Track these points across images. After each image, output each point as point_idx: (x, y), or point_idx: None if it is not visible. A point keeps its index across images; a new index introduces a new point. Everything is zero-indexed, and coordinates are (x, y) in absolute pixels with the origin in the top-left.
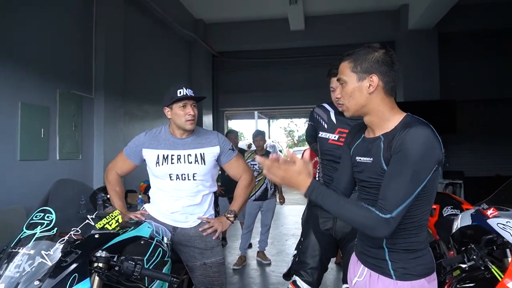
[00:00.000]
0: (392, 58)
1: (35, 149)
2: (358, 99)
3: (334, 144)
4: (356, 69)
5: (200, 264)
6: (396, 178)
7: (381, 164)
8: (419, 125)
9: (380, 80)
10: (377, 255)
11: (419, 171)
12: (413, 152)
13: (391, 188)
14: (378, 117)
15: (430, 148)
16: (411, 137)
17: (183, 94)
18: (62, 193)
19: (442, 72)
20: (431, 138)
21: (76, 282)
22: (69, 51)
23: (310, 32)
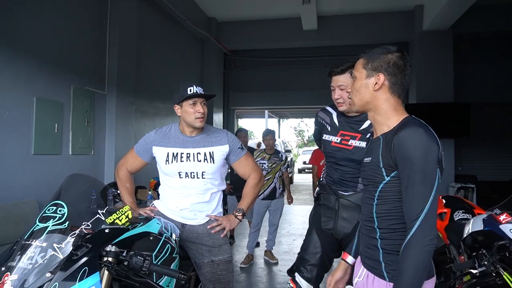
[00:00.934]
0: (405, 62)
1: (49, 143)
2: (363, 94)
3: (336, 147)
4: (367, 66)
5: (208, 262)
6: (409, 188)
7: (378, 162)
8: (413, 127)
9: (387, 79)
10: (373, 256)
11: (426, 171)
12: (413, 154)
13: (408, 199)
14: (381, 115)
15: (428, 147)
16: (406, 140)
17: (193, 92)
18: (74, 188)
19: (456, 74)
20: (425, 137)
21: (86, 275)
22: (83, 48)
23: (322, 32)
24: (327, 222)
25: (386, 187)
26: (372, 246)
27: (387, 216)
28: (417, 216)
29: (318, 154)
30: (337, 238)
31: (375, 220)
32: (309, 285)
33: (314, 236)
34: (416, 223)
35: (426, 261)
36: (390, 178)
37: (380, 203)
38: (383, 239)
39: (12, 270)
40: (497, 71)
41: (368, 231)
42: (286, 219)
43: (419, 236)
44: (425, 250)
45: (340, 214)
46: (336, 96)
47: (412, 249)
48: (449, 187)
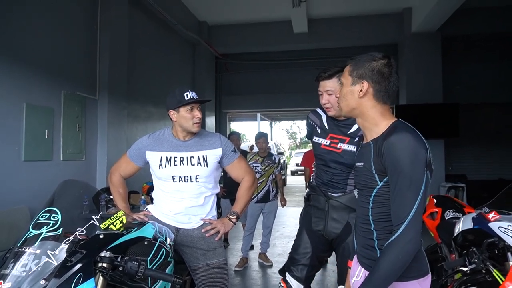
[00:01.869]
0: (391, 69)
1: (40, 150)
2: (349, 101)
3: (325, 149)
4: (353, 73)
5: (203, 265)
6: (396, 191)
7: (370, 168)
8: (401, 132)
9: (371, 87)
10: (370, 255)
11: (413, 176)
12: (401, 160)
13: (395, 204)
14: (368, 121)
15: (415, 151)
16: (395, 145)
17: (190, 98)
18: (67, 194)
19: (445, 75)
20: (413, 142)
21: (81, 281)
22: (73, 53)
23: (313, 34)
24: (317, 223)
25: (380, 191)
26: (369, 247)
27: (383, 218)
28: (403, 220)
29: (309, 156)
30: (327, 238)
31: (371, 222)
32: (299, 284)
33: (304, 237)
34: (401, 227)
35: (404, 262)
36: (383, 183)
37: (375, 207)
38: (380, 240)
39: (6, 278)
40: (484, 72)
41: (365, 233)
42: (279, 222)
43: (402, 239)
44: (405, 252)
45: (330, 215)
46: (324, 101)
47: (393, 248)
48: (440, 187)
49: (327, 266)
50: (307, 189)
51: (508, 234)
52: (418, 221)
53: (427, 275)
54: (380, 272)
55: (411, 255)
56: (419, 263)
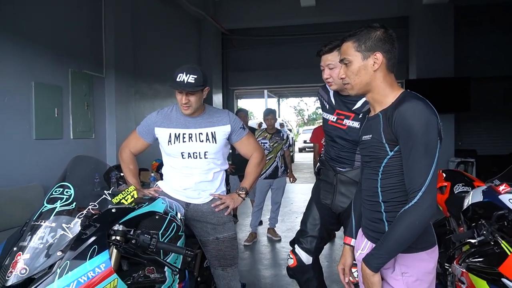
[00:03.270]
0: (393, 36)
1: (50, 128)
2: (363, 77)
3: (332, 125)
4: (361, 48)
5: (213, 239)
6: (411, 158)
7: (381, 138)
8: (413, 100)
9: (384, 57)
10: (378, 229)
11: (428, 143)
12: (415, 127)
13: (410, 171)
14: (379, 93)
15: (429, 119)
16: (407, 113)
17: (181, 80)
18: (79, 169)
19: (457, 48)
20: (426, 110)
21: (96, 253)
22: (79, 30)
23: (321, 8)
24: (325, 196)
25: (390, 161)
26: (376, 220)
27: (392, 189)
28: (419, 187)
29: (318, 133)
30: (335, 212)
31: (379, 194)
32: (308, 256)
33: (313, 209)
34: (418, 194)
35: (419, 228)
36: (394, 152)
37: (384, 178)
38: (389, 212)
39: (24, 249)
40: (497, 44)
41: (372, 205)
42: (288, 198)
43: (420, 205)
44: (423, 217)
45: (338, 189)
46: (326, 76)
47: (410, 214)
48: (449, 162)
49: (335, 241)
50: (318, 164)
51: None
52: (434, 187)
53: (435, 246)
54: (395, 235)
55: (427, 221)
56: (427, 234)
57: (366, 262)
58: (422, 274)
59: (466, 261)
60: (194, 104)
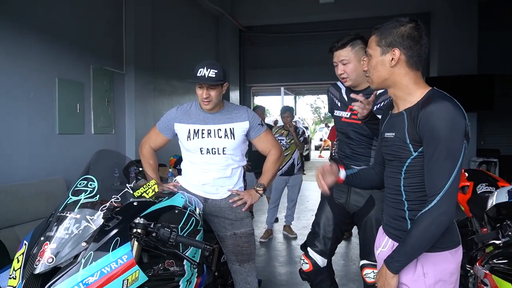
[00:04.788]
0: (420, 32)
1: (72, 123)
2: (380, 72)
3: (346, 122)
4: (381, 43)
5: (231, 234)
6: (433, 162)
7: (404, 138)
8: (439, 100)
9: (403, 54)
10: (400, 226)
11: (451, 147)
12: (440, 129)
13: (431, 173)
14: (401, 90)
15: (455, 121)
16: (433, 114)
17: (202, 75)
18: (102, 163)
19: (481, 44)
20: (453, 111)
21: (118, 245)
22: (100, 27)
23: (340, 4)
24: (339, 196)
25: (414, 162)
26: (399, 218)
27: (415, 189)
28: (438, 191)
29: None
30: (349, 212)
31: (402, 193)
32: (323, 258)
33: (327, 209)
34: (436, 197)
35: (435, 233)
36: (418, 153)
37: (408, 177)
38: (412, 211)
39: (51, 239)
40: None
41: (395, 204)
42: (304, 195)
43: (437, 210)
44: (438, 223)
45: (353, 188)
46: (340, 72)
47: (427, 218)
48: (471, 162)
49: (351, 239)
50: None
51: None
52: (454, 193)
53: (459, 246)
54: (412, 240)
55: (443, 226)
56: (450, 234)
57: (387, 264)
58: (445, 275)
59: (490, 262)
60: (215, 99)
